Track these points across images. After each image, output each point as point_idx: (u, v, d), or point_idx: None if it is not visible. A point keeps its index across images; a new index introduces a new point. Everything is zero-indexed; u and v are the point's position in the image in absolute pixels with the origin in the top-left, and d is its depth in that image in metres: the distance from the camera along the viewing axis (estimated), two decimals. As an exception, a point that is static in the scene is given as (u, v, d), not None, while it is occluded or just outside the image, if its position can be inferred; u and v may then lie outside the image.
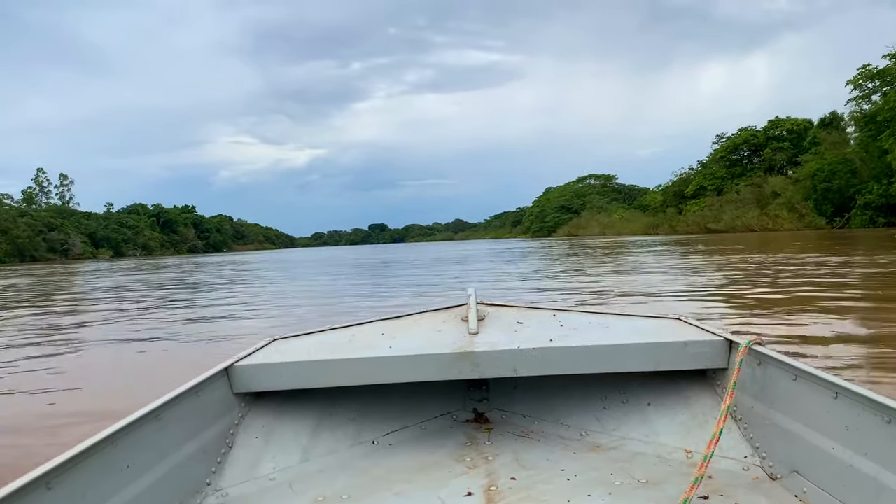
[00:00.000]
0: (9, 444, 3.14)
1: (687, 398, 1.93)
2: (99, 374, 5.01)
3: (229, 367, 1.88)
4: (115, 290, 15.08)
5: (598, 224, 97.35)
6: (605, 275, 12.90)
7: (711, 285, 9.53)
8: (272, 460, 1.81)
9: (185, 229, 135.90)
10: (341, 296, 11.23)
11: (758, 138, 67.45)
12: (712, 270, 12.52)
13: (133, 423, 1.39)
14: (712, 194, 67.87)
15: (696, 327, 2.01)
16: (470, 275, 15.55)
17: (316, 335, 2.24)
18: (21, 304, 12.29)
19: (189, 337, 6.58)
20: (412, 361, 1.85)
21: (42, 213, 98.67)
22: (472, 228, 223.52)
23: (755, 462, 1.66)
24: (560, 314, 2.29)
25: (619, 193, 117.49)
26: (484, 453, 1.88)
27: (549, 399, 2.13)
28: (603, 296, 8.65)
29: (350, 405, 2.06)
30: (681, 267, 14.29)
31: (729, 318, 6.23)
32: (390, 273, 18.83)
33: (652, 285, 9.93)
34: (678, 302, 7.63)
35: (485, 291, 3.10)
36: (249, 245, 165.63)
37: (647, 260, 17.93)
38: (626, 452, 1.84)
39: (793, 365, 1.55)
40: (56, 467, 1.15)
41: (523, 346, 1.85)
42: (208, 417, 1.74)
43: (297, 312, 8.58)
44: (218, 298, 11.49)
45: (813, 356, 4.17)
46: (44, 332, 7.51)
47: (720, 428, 1.49)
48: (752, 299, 7.60)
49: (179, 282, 18.11)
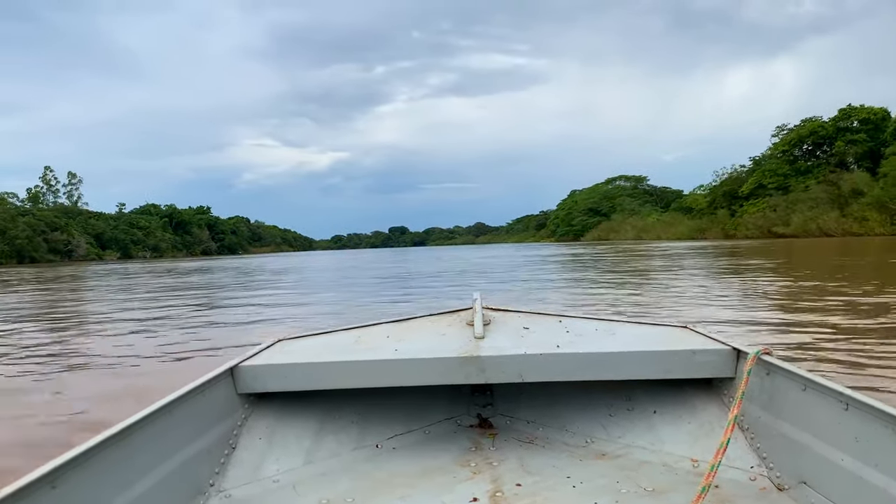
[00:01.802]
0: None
1: (693, 407, 1.89)
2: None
3: (234, 368, 1.83)
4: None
5: (633, 228, 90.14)
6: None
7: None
8: (275, 462, 1.77)
9: (198, 231, 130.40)
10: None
11: (826, 130, 58.11)
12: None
13: (137, 422, 1.36)
14: (776, 194, 58.60)
15: (704, 336, 1.96)
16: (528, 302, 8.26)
17: (321, 336, 2.21)
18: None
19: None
20: (417, 365, 1.81)
21: (45, 213, 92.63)
22: (494, 232, 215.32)
23: (762, 472, 1.62)
24: (566, 320, 2.23)
25: (651, 196, 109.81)
26: (489, 459, 1.84)
27: (554, 405, 2.08)
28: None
29: (353, 408, 2.01)
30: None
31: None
32: (412, 292, 11.28)
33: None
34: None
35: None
36: (266, 247, 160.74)
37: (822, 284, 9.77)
38: (631, 460, 1.80)
39: (802, 375, 1.52)
40: (60, 466, 1.13)
41: (530, 351, 1.81)
42: (212, 418, 1.70)
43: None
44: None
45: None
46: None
47: (727, 437, 1.45)
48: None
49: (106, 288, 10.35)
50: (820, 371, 3.72)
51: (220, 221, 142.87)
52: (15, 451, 2.90)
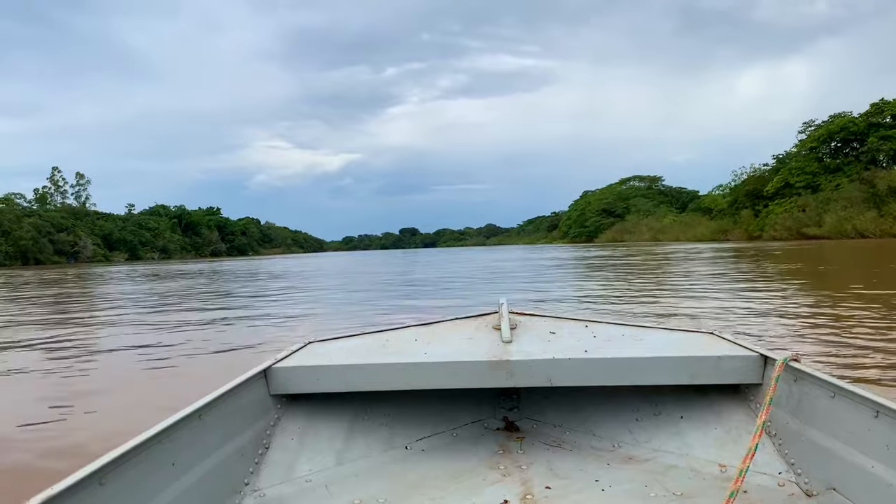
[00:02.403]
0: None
1: (720, 413, 1.88)
2: None
3: (267, 370, 1.85)
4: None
5: (648, 229, 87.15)
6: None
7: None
8: (308, 462, 1.78)
9: (208, 232, 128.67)
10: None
11: (857, 125, 54.77)
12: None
13: (178, 422, 1.38)
14: (805, 193, 55.30)
15: (731, 342, 1.96)
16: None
17: (351, 339, 2.22)
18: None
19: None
20: (446, 368, 1.82)
21: (52, 214, 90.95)
22: (505, 233, 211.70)
23: (790, 478, 1.61)
24: (592, 325, 2.22)
25: (666, 196, 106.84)
26: (517, 462, 1.83)
27: (581, 410, 2.07)
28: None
29: (382, 409, 2.02)
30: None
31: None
32: (418, 303, 8.58)
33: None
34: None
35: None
36: (277, 249, 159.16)
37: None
38: (659, 465, 1.79)
39: (831, 382, 1.51)
40: (108, 464, 1.15)
41: (558, 356, 1.81)
42: (247, 419, 1.72)
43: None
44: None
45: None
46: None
47: (756, 443, 1.44)
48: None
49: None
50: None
51: (229, 223, 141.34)
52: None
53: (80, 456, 2.43)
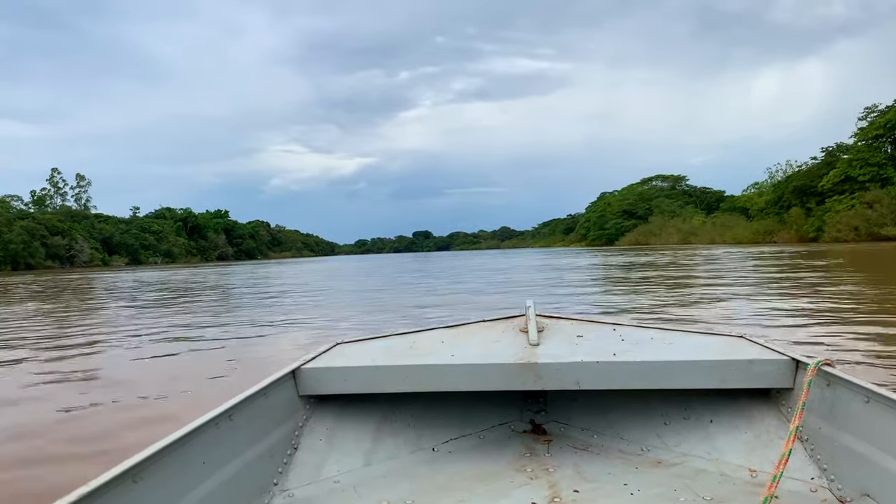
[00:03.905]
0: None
1: (750, 417, 1.84)
2: None
3: (296, 370, 1.84)
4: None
5: (677, 231, 79.87)
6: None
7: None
8: (336, 463, 1.77)
9: (214, 235, 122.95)
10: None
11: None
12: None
13: (208, 422, 1.38)
14: (873, 187, 47.54)
15: (761, 346, 1.91)
16: None
17: (378, 340, 2.20)
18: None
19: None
20: (474, 370, 1.80)
21: (47, 216, 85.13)
22: (520, 236, 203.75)
23: (823, 484, 1.57)
24: (620, 328, 2.17)
25: (691, 197, 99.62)
26: (544, 465, 1.80)
27: (608, 413, 2.03)
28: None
29: (410, 411, 1.99)
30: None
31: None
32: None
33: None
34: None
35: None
36: (286, 252, 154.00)
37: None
38: (688, 469, 1.75)
39: (865, 387, 1.46)
40: (141, 462, 1.15)
41: (586, 359, 1.78)
42: (276, 419, 1.71)
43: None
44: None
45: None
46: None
47: (790, 448, 1.42)
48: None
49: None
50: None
51: (237, 226, 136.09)
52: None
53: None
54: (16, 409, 3.70)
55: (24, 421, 3.39)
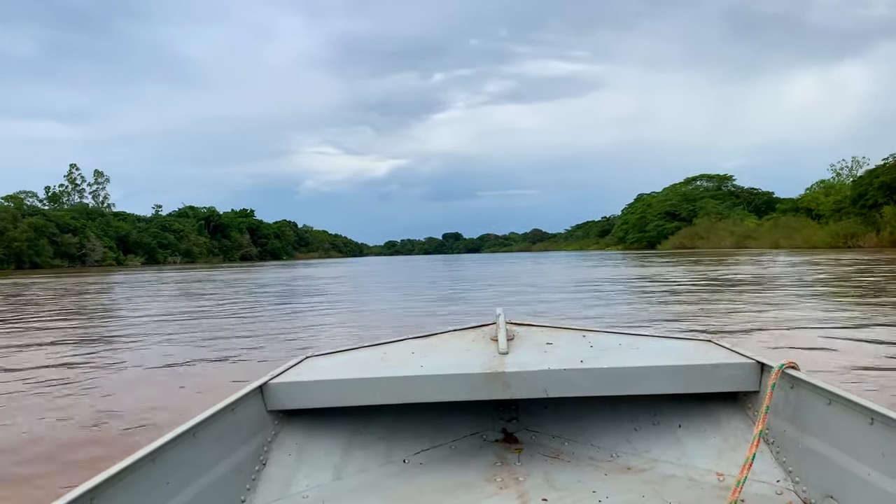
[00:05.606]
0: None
1: (718, 421, 1.84)
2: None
3: (264, 385, 1.81)
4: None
5: (730, 234, 70.79)
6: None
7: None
8: (305, 478, 1.74)
9: (238, 235, 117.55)
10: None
11: None
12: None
13: (172, 440, 1.34)
14: None
15: (727, 349, 1.91)
16: None
17: (348, 353, 2.17)
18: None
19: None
20: (443, 381, 1.78)
21: (59, 214, 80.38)
22: (552, 239, 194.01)
23: (788, 486, 1.58)
24: (589, 335, 2.15)
25: (738, 198, 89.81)
26: (515, 474, 1.79)
27: (579, 420, 2.03)
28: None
29: (380, 423, 1.97)
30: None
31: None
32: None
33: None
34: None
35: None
36: (314, 253, 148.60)
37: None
38: (657, 474, 1.75)
39: (827, 389, 1.47)
40: (100, 484, 1.11)
41: (554, 367, 1.77)
42: (243, 435, 1.68)
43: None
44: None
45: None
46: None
47: (753, 452, 1.43)
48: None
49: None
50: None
51: (263, 225, 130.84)
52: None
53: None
54: None
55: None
